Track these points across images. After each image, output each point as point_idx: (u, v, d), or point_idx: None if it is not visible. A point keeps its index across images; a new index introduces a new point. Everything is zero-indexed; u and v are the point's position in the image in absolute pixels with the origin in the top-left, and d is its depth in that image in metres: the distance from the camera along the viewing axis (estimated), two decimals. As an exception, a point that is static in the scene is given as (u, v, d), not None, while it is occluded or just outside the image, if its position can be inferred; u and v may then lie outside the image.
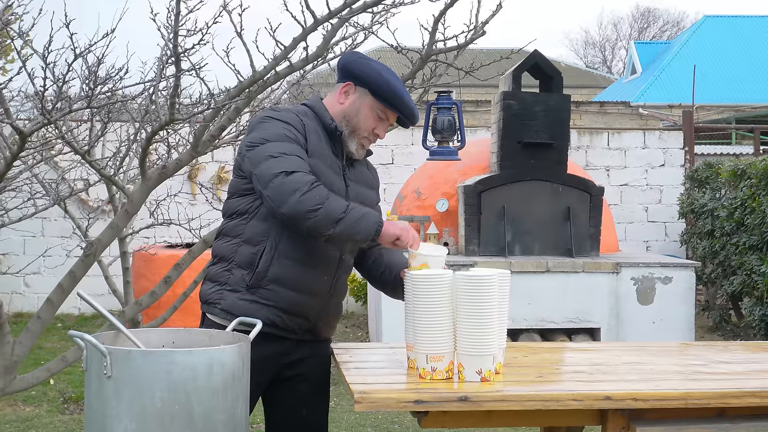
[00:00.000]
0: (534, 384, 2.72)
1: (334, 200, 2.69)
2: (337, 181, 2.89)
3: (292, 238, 2.80)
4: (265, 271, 2.83)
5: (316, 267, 2.86)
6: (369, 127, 2.92)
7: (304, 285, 2.86)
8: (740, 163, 8.66)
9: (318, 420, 3.07)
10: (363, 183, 3.03)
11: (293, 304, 2.86)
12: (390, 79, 2.88)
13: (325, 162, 2.86)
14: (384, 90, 2.87)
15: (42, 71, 3.73)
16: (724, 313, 9.44)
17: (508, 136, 7.69)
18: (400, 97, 2.88)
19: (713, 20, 28.70)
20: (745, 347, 3.49)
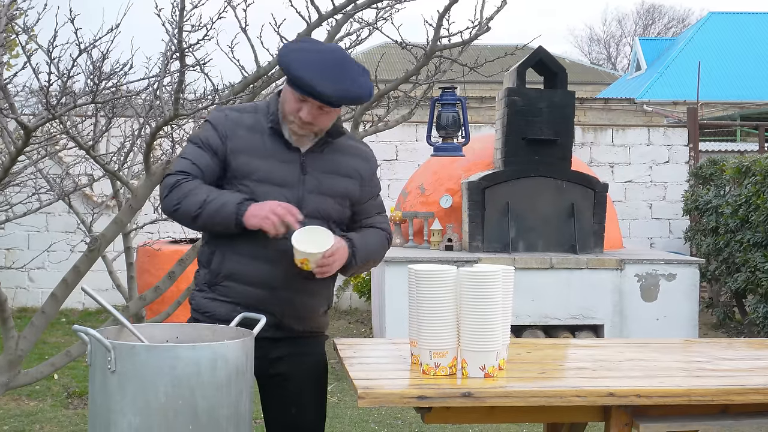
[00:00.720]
0: (537, 380, 2.72)
1: (192, 197, 2.77)
2: (287, 171, 2.85)
3: (242, 234, 2.81)
4: (219, 268, 2.88)
5: (268, 260, 2.83)
6: (291, 110, 2.81)
7: (258, 279, 2.84)
8: (745, 160, 8.64)
9: (310, 419, 3.02)
10: (331, 171, 2.92)
11: (250, 299, 2.85)
12: (293, 60, 2.76)
13: (266, 155, 2.84)
14: (287, 72, 2.77)
15: (47, 66, 3.73)
16: (728, 310, 9.44)
17: (512, 132, 7.68)
18: (299, 78, 2.73)
19: (718, 17, 28.64)
20: (748, 344, 3.48)
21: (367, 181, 3.04)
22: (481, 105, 14.39)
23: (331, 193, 2.91)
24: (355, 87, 2.79)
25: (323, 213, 2.89)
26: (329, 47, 2.93)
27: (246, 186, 2.83)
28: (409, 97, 5.36)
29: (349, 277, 2.97)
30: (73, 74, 3.87)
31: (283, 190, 2.84)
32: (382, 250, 3.05)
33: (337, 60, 2.81)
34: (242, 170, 2.84)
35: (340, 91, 2.75)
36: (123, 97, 4.55)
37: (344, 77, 2.77)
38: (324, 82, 2.72)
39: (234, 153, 2.85)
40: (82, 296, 10.29)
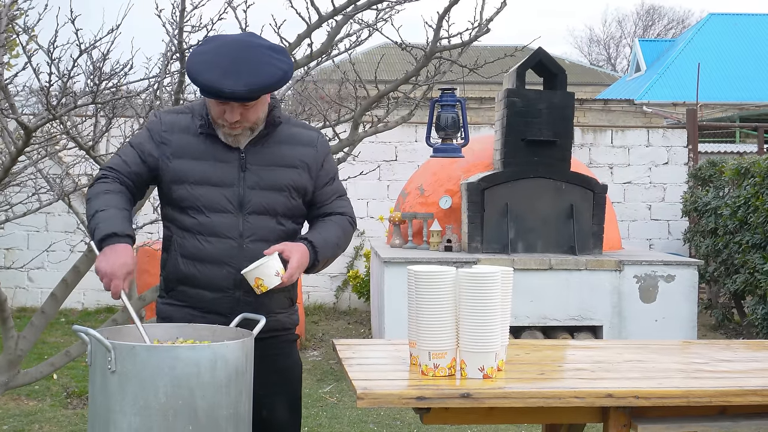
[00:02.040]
0: (536, 381, 2.73)
1: (94, 200, 2.78)
2: (225, 171, 2.83)
3: (190, 238, 2.84)
4: (171, 273, 2.90)
5: (214, 262, 2.82)
6: (217, 116, 2.80)
7: (207, 282, 2.84)
8: (744, 162, 8.65)
9: (282, 419, 2.96)
10: (272, 163, 2.88)
11: (203, 302, 2.86)
12: (192, 64, 2.73)
13: (202, 157, 2.84)
14: (192, 82, 2.75)
15: (47, 67, 3.74)
16: (727, 311, 9.44)
17: (511, 133, 7.69)
18: (196, 80, 2.71)
19: (718, 18, 28.65)
20: (747, 346, 3.49)
21: (316, 168, 2.95)
22: (481, 106, 14.39)
23: (274, 187, 2.87)
24: (262, 77, 2.71)
25: (269, 208, 2.86)
26: (230, 39, 2.83)
27: (184, 189, 2.83)
28: (408, 98, 5.36)
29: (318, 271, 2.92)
30: (73, 74, 3.89)
31: (223, 190, 2.83)
32: (345, 237, 2.97)
33: (237, 53, 2.74)
34: (179, 173, 2.83)
35: (247, 85, 2.68)
36: (123, 97, 4.55)
37: (247, 69, 2.70)
38: (227, 80, 2.67)
39: (170, 157, 2.84)
40: (82, 296, 10.30)
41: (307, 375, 7.08)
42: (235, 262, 2.81)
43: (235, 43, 2.79)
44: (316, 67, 4.71)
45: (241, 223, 2.83)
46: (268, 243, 2.83)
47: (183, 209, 2.85)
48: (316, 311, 10.37)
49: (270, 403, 2.93)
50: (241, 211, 2.84)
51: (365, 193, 10.65)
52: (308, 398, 6.28)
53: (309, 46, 4.31)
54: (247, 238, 2.83)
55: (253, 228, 2.84)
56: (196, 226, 2.83)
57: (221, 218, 2.82)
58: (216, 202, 2.82)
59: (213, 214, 2.83)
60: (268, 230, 2.86)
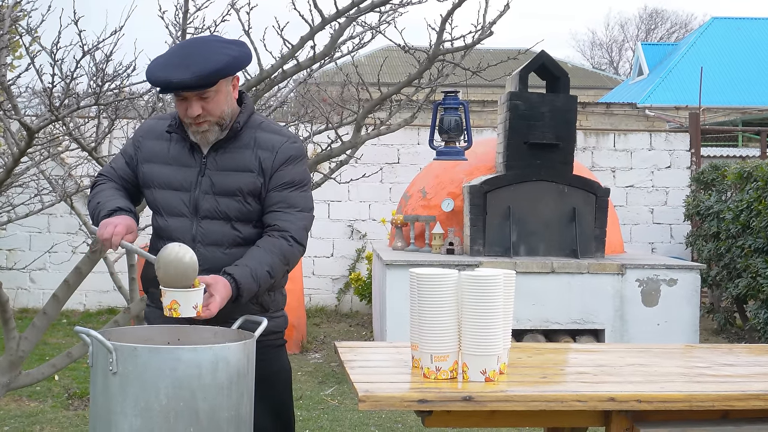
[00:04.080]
0: (538, 384, 2.72)
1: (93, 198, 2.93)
2: (184, 176, 2.89)
3: (156, 241, 2.94)
4: (145, 275, 2.99)
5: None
6: (182, 115, 2.85)
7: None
8: (747, 166, 8.64)
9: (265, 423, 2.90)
10: (228, 168, 2.87)
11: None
12: (150, 66, 2.81)
13: (169, 161, 2.92)
14: (147, 80, 2.84)
15: (50, 68, 3.74)
16: (729, 315, 9.43)
17: (514, 136, 7.69)
18: (149, 79, 2.79)
19: (721, 22, 28.63)
20: (749, 350, 3.48)
21: (270, 171, 2.88)
22: (483, 109, 14.39)
23: (224, 192, 2.87)
24: (209, 63, 2.74)
25: (220, 213, 2.87)
26: (186, 41, 2.97)
27: (151, 192, 2.95)
28: (411, 100, 5.37)
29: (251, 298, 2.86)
30: (76, 76, 3.89)
31: (180, 194, 2.90)
32: (281, 262, 2.84)
33: (187, 49, 2.81)
34: (148, 177, 2.95)
35: (194, 73, 2.71)
36: (126, 99, 4.56)
37: (195, 60, 2.74)
38: (176, 72, 2.72)
39: (142, 161, 2.97)
40: (84, 297, 10.30)
41: (309, 377, 7.08)
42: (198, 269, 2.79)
43: (188, 41, 2.92)
44: (319, 69, 4.71)
45: (194, 227, 2.88)
46: (222, 247, 2.85)
47: (153, 213, 2.98)
48: (318, 313, 10.36)
49: (261, 406, 2.86)
50: (195, 216, 2.88)
51: (367, 195, 10.65)
52: (310, 400, 6.27)
53: (312, 49, 4.32)
54: (199, 243, 2.86)
55: (205, 232, 2.87)
56: (158, 229, 2.95)
57: (177, 222, 2.90)
58: (173, 206, 2.90)
59: (170, 217, 2.91)
60: (221, 235, 2.87)
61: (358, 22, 4.38)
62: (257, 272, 2.77)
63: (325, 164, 6.08)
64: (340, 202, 10.59)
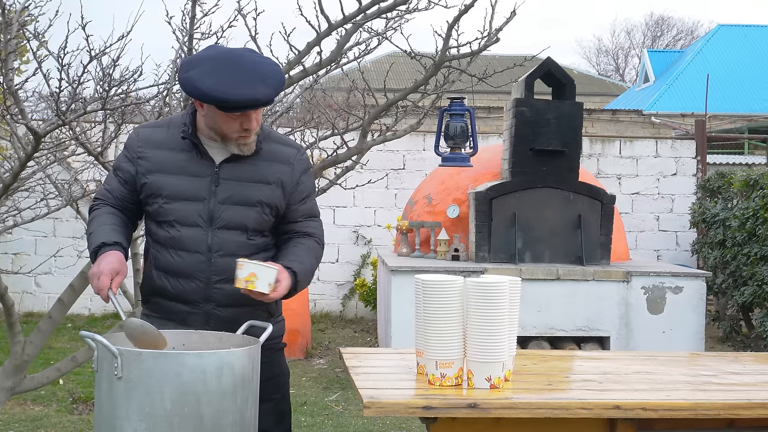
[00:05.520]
0: (543, 392, 2.72)
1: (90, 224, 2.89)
2: (197, 186, 2.85)
3: (163, 252, 2.89)
4: (146, 284, 2.96)
5: (184, 276, 2.85)
6: (233, 129, 2.81)
7: (177, 294, 2.87)
8: (753, 173, 8.63)
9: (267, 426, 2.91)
10: (247, 179, 2.88)
11: (176, 314, 2.89)
12: (210, 87, 2.70)
13: (178, 171, 2.86)
14: (210, 102, 2.73)
15: (57, 72, 3.75)
16: (735, 323, 9.41)
17: (520, 143, 7.69)
18: (228, 101, 2.69)
19: (727, 29, 28.61)
20: (755, 358, 3.47)
21: (291, 186, 2.94)
22: (489, 115, 14.38)
23: (245, 203, 2.88)
24: (278, 75, 2.77)
25: (238, 223, 2.87)
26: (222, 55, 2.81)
27: (158, 204, 2.86)
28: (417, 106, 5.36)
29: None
30: (83, 80, 3.90)
31: (194, 205, 2.85)
32: (317, 261, 3.00)
33: (237, 62, 2.75)
34: (153, 188, 2.87)
35: (271, 86, 2.74)
36: (132, 103, 4.56)
37: (262, 72, 2.74)
38: (252, 87, 2.70)
39: (145, 173, 2.88)
40: (89, 302, 10.31)
41: (313, 383, 7.07)
42: (203, 276, 2.84)
43: (229, 55, 2.78)
44: (325, 75, 4.71)
45: (210, 237, 2.85)
46: (237, 257, 2.82)
47: (159, 223, 2.89)
48: (323, 319, 10.36)
49: (263, 409, 2.87)
50: (211, 226, 2.86)
51: (373, 201, 10.65)
52: (314, 406, 6.27)
53: (318, 54, 4.32)
54: (216, 253, 2.85)
55: (221, 243, 2.85)
56: (169, 240, 2.87)
57: (191, 232, 2.85)
58: (187, 216, 2.85)
59: (184, 228, 2.86)
60: (238, 245, 2.87)
61: (364, 28, 4.38)
62: (308, 269, 2.90)
63: (331, 170, 6.07)
64: (345, 207, 10.59)
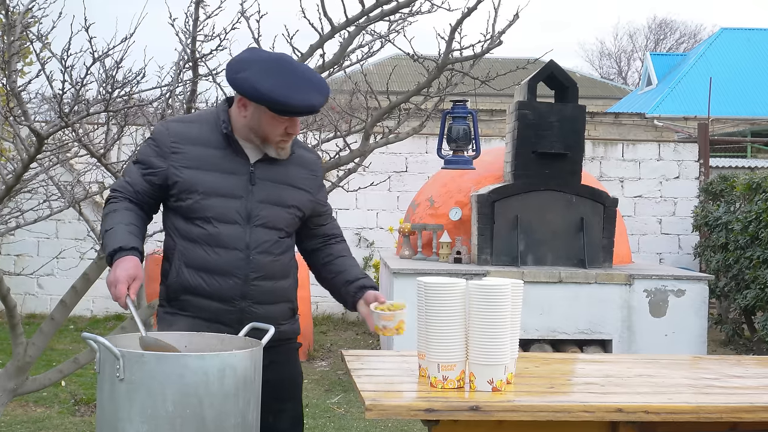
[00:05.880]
0: (545, 395, 2.72)
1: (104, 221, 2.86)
2: (235, 183, 2.86)
3: (195, 248, 2.85)
4: (174, 282, 2.90)
5: (221, 273, 2.84)
6: (277, 133, 2.84)
7: (212, 291, 2.85)
8: (755, 177, 8.63)
9: (286, 426, 2.99)
10: (282, 182, 2.92)
11: (207, 312, 2.86)
12: (269, 89, 2.73)
13: (214, 168, 2.85)
14: (267, 104, 2.76)
15: (60, 74, 3.75)
16: (737, 327, 9.40)
17: (522, 145, 7.69)
18: (286, 104, 2.73)
19: (730, 33, 28.58)
20: (758, 362, 3.47)
21: (315, 191, 3.04)
22: (492, 118, 14.39)
23: (281, 204, 2.92)
24: (325, 84, 2.83)
25: (274, 223, 2.89)
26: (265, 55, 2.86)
27: (193, 200, 2.84)
28: (420, 109, 5.36)
29: None
30: (86, 82, 3.90)
31: (232, 202, 2.85)
32: None
33: (297, 69, 2.80)
34: (188, 184, 2.85)
35: (323, 94, 2.80)
36: (135, 105, 4.57)
37: (314, 81, 2.80)
38: (309, 94, 2.75)
39: (178, 167, 2.85)
40: (91, 303, 10.32)
41: (315, 385, 7.07)
42: (241, 273, 2.84)
43: (281, 60, 2.83)
44: (328, 77, 4.71)
45: (248, 234, 2.85)
46: (272, 255, 2.88)
47: (190, 219, 2.86)
48: (325, 321, 10.36)
49: (279, 410, 2.96)
50: (248, 223, 2.86)
51: (375, 203, 10.66)
52: (316, 408, 6.26)
53: (321, 57, 4.32)
54: (254, 250, 2.86)
55: (258, 240, 2.87)
56: (204, 236, 2.85)
57: (229, 229, 2.84)
58: (225, 213, 2.84)
59: (221, 225, 2.84)
60: (272, 243, 2.90)
61: (367, 30, 4.38)
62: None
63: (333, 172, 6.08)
64: (347, 210, 10.59)
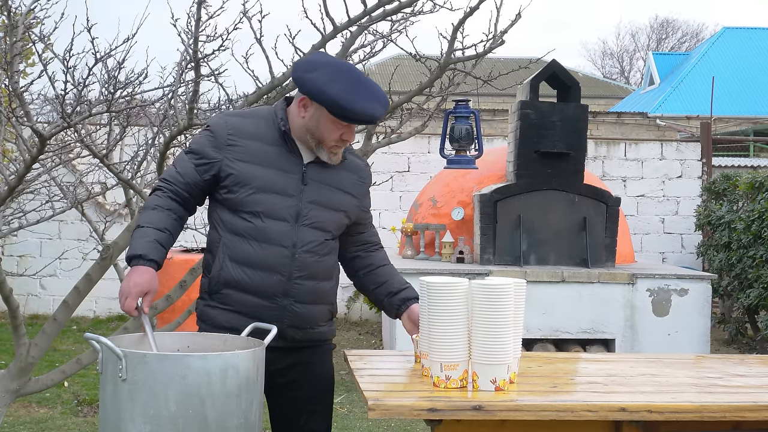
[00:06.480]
0: (548, 394, 2.71)
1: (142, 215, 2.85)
2: (288, 182, 2.87)
3: (240, 241, 2.86)
4: (218, 275, 2.89)
5: (265, 268, 2.84)
6: (334, 137, 2.87)
7: (255, 287, 2.85)
8: (758, 176, 8.61)
9: (317, 427, 3.03)
10: (333, 185, 2.95)
11: (249, 308, 2.85)
12: (336, 93, 2.76)
13: (269, 164, 2.86)
14: (331, 107, 2.78)
15: (63, 75, 3.75)
16: (740, 326, 9.39)
17: (525, 145, 7.68)
18: (350, 110, 2.77)
19: (732, 32, 28.57)
20: (761, 361, 3.46)
21: (362, 198, 3.09)
22: (494, 118, 14.37)
23: (330, 206, 2.94)
24: (384, 98, 2.87)
25: (322, 224, 2.91)
26: (333, 60, 2.94)
27: (245, 193, 2.84)
28: (422, 109, 5.37)
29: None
30: (88, 83, 3.90)
31: (284, 199, 2.86)
32: None
33: (362, 78, 2.85)
34: (242, 177, 2.85)
35: (384, 107, 2.86)
36: (137, 106, 4.57)
37: (377, 91, 2.84)
38: (374, 104, 2.81)
39: (233, 160, 2.86)
40: (94, 304, 10.32)
41: (318, 385, 7.06)
42: (285, 271, 2.85)
43: (347, 67, 2.89)
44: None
45: (295, 233, 2.86)
46: (317, 255, 2.90)
47: (237, 212, 2.86)
48: (327, 322, 10.34)
49: (311, 410, 3.00)
50: (296, 222, 2.87)
51: (377, 203, 10.61)
52: (319, 409, 6.26)
53: (323, 57, 4.31)
54: (300, 248, 2.87)
55: (305, 239, 2.88)
56: (251, 230, 2.85)
57: (278, 226, 2.85)
58: (276, 210, 2.85)
59: (270, 221, 2.85)
60: (317, 244, 2.92)
61: (369, 30, 4.38)
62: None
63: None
64: (350, 210, 10.58)
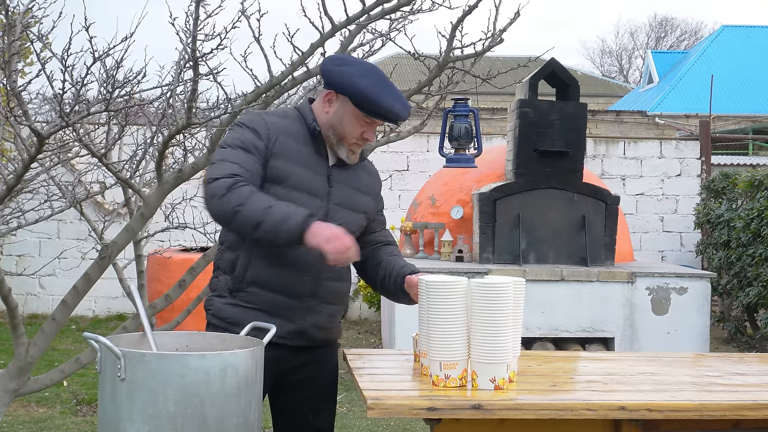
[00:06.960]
0: (548, 393, 2.71)
1: (253, 202, 2.66)
2: (317, 182, 2.88)
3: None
4: (243, 274, 2.85)
5: (294, 268, 2.83)
6: (356, 134, 2.88)
7: (283, 286, 2.84)
8: (757, 174, 8.62)
9: (323, 425, 3.06)
10: (354, 186, 2.98)
11: (274, 306, 2.84)
12: (366, 87, 2.80)
13: (301, 163, 2.86)
14: (359, 99, 2.80)
15: (61, 74, 3.74)
16: (740, 324, 9.39)
17: (524, 143, 7.68)
18: (377, 104, 2.80)
19: (731, 30, 28.59)
20: (760, 359, 3.46)
21: (377, 198, 3.13)
22: (493, 116, 14.37)
23: (354, 208, 2.97)
24: (407, 103, 2.91)
25: (347, 226, 2.85)
26: (360, 60, 3.00)
27: (279, 190, 2.80)
28: (421, 107, 5.36)
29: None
30: (86, 82, 3.89)
31: (315, 200, 2.86)
32: None
33: (381, 75, 2.87)
34: (277, 174, 2.82)
35: (407, 108, 2.88)
36: (136, 105, 4.56)
37: (397, 91, 2.87)
38: (399, 104, 2.84)
39: (274, 156, 2.83)
40: (93, 303, 10.32)
41: (317, 384, 7.06)
42: (314, 270, 2.85)
43: (375, 67, 2.91)
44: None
45: None
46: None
47: None
48: (327, 321, 10.34)
49: (319, 408, 3.03)
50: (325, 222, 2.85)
51: (376, 202, 10.64)
52: (318, 408, 6.26)
53: (322, 56, 4.31)
54: None
55: None
56: None
57: None
58: (308, 209, 2.80)
59: None
60: None
61: (368, 29, 4.38)
62: None
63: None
64: (349, 209, 10.58)
